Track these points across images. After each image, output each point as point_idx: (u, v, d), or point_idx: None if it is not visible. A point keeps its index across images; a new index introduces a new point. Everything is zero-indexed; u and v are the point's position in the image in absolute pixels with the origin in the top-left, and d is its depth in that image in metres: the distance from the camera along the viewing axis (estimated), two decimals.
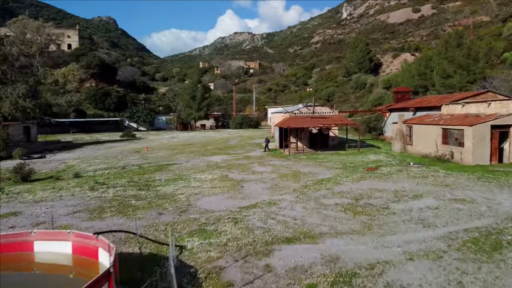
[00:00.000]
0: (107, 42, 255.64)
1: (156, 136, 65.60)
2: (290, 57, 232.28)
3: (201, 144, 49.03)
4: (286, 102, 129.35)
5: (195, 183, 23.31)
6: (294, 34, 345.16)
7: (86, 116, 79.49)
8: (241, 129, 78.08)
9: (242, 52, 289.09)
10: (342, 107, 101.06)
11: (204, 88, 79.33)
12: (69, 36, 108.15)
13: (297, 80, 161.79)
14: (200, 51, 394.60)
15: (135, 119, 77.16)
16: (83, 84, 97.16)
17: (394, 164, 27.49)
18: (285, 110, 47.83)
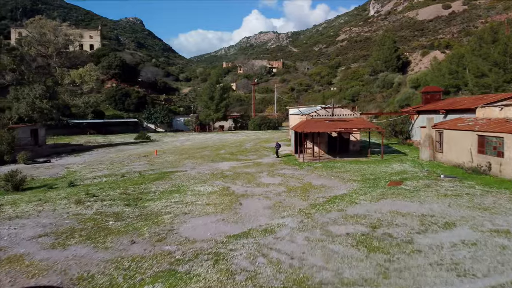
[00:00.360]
0: (133, 42, 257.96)
1: (171, 138, 63.47)
2: (315, 56, 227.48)
3: (214, 148, 46.32)
4: (308, 102, 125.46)
5: (190, 198, 20.49)
6: (320, 32, 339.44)
7: (105, 117, 78.39)
8: (260, 130, 75.08)
9: (266, 51, 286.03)
10: (368, 107, 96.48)
11: (223, 89, 76.79)
12: (91, 37, 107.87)
13: (321, 79, 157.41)
14: (225, 51, 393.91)
15: (153, 120, 75.49)
16: (103, 84, 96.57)
17: (421, 177, 23.77)
18: (301, 112, 44.43)
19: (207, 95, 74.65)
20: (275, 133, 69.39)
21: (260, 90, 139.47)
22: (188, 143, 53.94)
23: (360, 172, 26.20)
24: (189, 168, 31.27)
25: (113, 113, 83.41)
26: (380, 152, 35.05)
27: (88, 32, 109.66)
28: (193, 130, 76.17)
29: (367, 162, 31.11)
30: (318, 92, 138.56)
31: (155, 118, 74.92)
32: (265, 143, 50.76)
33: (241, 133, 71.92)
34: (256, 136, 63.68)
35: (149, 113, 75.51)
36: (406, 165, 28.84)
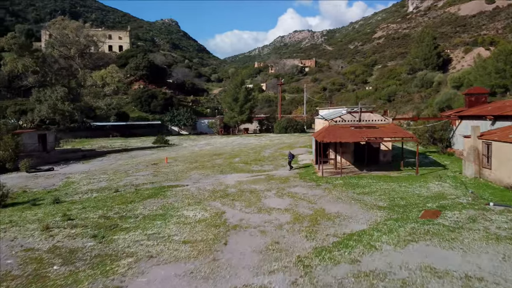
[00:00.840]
0: (168, 44, 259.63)
1: (192, 141, 60.26)
2: (350, 54, 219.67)
3: (229, 155, 42.50)
4: (341, 102, 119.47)
5: (171, 228, 16.67)
6: (356, 30, 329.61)
7: (129, 119, 76.55)
8: (286, 133, 70.60)
9: (300, 50, 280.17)
10: (404, 108, 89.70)
11: (248, 90, 72.91)
12: (120, 38, 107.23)
13: (355, 78, 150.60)
14: (259, 51, 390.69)
15: (176, 123, 72.79)
16: (131, 86, 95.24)
17: (465, 205, 18.71)
18: (323, 117, 39.73)
19: (231, 97, 71.06)
20: (301, 136, 64.78)
21: (291, 90, 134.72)
22: (207, 148, 50.47)
23: (388, 195, 21.41)
24: (192, 182, 27.55)
25: (138, 115, 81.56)
26: (415, 163, 29.95)
27: (117, 33, 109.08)
28: (217, 133, 72.82)
29: (399, 178, 26.14)
30: (351, 91, 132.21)
31: (178, 120, 72.16)
32: (288, 150, 46.39)
33: (265, 136, 67.75)
34: (280, 140, 59.34)
35: (172, 116, 72.86)
36: (446, 184, 23.69)
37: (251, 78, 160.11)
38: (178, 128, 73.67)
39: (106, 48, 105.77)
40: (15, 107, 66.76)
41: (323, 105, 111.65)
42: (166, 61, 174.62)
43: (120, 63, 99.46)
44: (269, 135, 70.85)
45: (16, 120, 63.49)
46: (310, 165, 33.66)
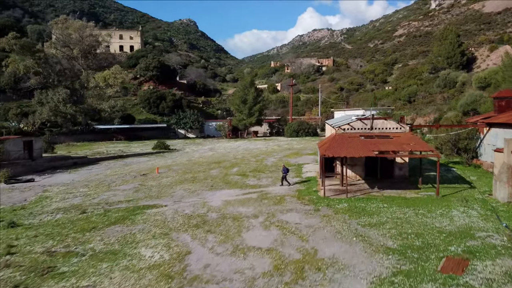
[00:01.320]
0: (186, 44, 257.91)
1: (195, 146, 56.55)
2: (369, 53, 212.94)
3: (230, 163, 38.60)
4: (358, 103, 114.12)
5: (112, 279, 12.84)
6: (376, 28, 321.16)
7: (136, 121, 73.59)
8: (297, 137, 66.22)
9: (318, 49, 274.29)
10: (425, 110, 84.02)
11: (257, 91, 68.87)
12: (131, 38, 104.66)
13: (374, 78, 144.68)
14: (277, 50, 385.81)
15: (181, 126, 69.33)
16: (140, 87, 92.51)
17: (499, 250, 14.22)
18: (330, 124, 35.35)
19: (239, 98, 67.15)
20: (312, 141, 60.37)
21: (306, 90, 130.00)
22: (208, 155, 46.67)
23: (400, 227, 17.01)
24: (173, 201, 23.75)
25: (146, 117, 78.65)
26: (436, 178, 25.39)
27: (128, 33, 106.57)
28: (225, 136, 69.03)
29: (416, 201, 21.61)
30: (370, 91, 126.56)
31: (184, 123, 68.66)
32: (294, 157, 42.16)
33: (274, 140, 63.56)
34: (289, 145, 55.10)
35: (178, 118, 69.41)
36: (473, 212, 19.09)
37: (267, 78, 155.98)
38: (185, 131, 70.27)
39: (117, 48, 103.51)
40: (17, 109, 64.62)
41: (339, 107, 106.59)
42: (182, 61, 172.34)
43: (130, 64, 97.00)
44: (278, 138, 66.67)
45: (18, 123, 61.30)
46: (314, 179, 29.39)
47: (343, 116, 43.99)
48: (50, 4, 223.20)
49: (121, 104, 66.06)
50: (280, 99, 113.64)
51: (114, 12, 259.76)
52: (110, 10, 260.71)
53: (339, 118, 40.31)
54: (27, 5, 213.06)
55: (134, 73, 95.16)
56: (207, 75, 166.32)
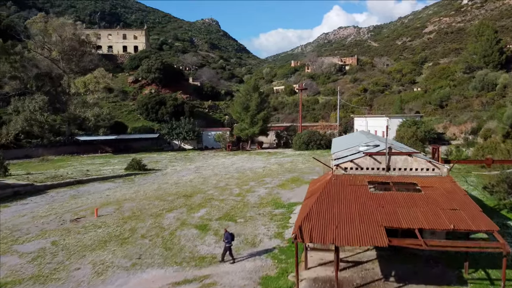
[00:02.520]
0: (206, 44, 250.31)
1: (183, 164, 46.80)
2: (397, 50, 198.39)
3: (201, 199, 28.94)
4: (383, 106, 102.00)
5: None
6: (405, 25, 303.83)
7: (129, 130, 65.09)
8: (307, 150, 55.72)
9: (342, 47, 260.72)
10: (460, 118, 71.48)
11: (262, 96, 58.75)
12: (135, 37, 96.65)
13: (402, 78, 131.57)
14: (301, 49, 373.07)
15: (173, 136, 59.94)
16: (142, 90, 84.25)
17: None
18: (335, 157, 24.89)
19: (240, 105, 57.31)
20: (324, 155, 50.03)
21: (326, 92, 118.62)
22: (186, 180, 37.12)
23: None
24: None
25: (142, 125, 70.16)
26: (490, 255, 14.84)
27: (132, 32, 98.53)
28: (224, 148, 59.35)
29: None
30: (396, 93, 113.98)
31: (176, 134, 59.26)
32: (289, 188, 32.09)
33: (278, 155, 53.27)
34: (293, 164, 44.78)
35: (170, 128, 59.93)
36: None
37: (286, 78, 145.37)
38: (179, 141, 60.81)
39: (120, 48, 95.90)
40: None
41: (361, 112, 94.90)
42: (198, 62, 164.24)
43: (133, 65, 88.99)
44: (285, 152, 56.28)
45: None
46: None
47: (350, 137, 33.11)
48: (71, 5, 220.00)
49: (107, 112, 57.46)
50: (297, 102, 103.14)
51: (136, 13, 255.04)
52: (132, 11, 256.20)
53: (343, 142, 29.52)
54: (47, 5, 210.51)
55: (135, 75, 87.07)
56: (224, 76, 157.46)
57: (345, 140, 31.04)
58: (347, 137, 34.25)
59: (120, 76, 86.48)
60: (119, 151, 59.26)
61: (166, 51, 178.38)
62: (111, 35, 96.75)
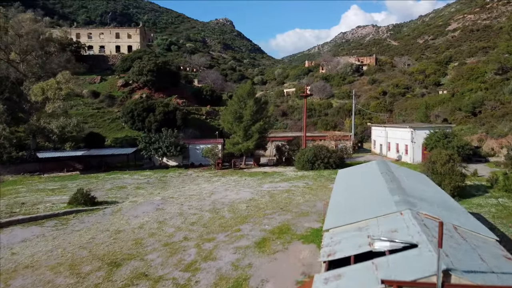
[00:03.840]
0: (220, 44, 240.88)
1: (149, 194, 36.39)
2: (418, 49, 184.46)
3: (141, 267, 18.62)
4: (405, 112, 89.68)
5: None
6: (426, 23, 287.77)
7: (104, 143, 55.47)
8: (312, 170, 44.58)
9: (360, 46, 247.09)
10: (500, 128, 58.98)
11: (258, 103, 47.86)
12: (129, 36, 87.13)
13: (425, 79, 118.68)
14: (318, 49, 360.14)
15: (151, 152, 49.19)
16: (132, 95, 74.68)
17: None
18: (327, 243, 13.74)
19: (232, 114, 46.71)
20: (333, 179, 39.22)
21: (341, 95, 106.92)
22: (138, 223, 26.79)
23: None
24: None
25: (126, 135, 60.59)
26: None
27: (125, 30, 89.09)
28: (214, 166, 48.86)
29: None
30: (419, 96, 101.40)
31: (155, 149, 48.74)
32: (275, 247, 21.40)
33: (275, 176, 42.31)
34: (289, 194, 33.81)
35: (147, 142, 49.33)
36: None
37: (298, 80, 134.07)
38: (160, 158, 49.90)
39: (113, 49, 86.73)
40: None
41: (379, 120, 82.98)
42: (207, 63, 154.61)
43: (124, 67, 79.56)
44: (285, 172, 45.17)
45: None
46: None
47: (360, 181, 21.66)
48: (82, 5, 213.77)
49: (75, 124, 47.75)
50: (308, 106, 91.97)
51: (148, 13, 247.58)
52: (145, 11, 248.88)
53: (348, 194, 18.27)
54: (58, 6, 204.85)
55: (126, 78, 77.62)
56: (234, 78, 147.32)
57: (352, 189, 19.95)
58: (356, 177, 23.01)
59: (110, 79, 77.18)
60: (90, 168, 49.56)
61: (174, 52, 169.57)
62: (103, 34, 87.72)
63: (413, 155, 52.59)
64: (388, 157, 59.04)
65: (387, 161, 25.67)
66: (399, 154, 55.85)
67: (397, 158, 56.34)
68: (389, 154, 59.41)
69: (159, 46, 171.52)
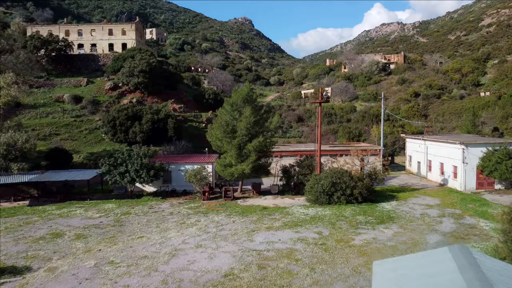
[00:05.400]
0: (237, 43, 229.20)
1: (84, 252, 24.18)
2: (450, 46, 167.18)
3: None
4: (443, 118, 75.10)
5: None
6: (455, 20, 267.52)
7: (72, 160, 44.22)
8: (329, 205, 31.42)
9: (386, 44, 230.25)
10: None
11: (257, 111, 34.79)
12: (124, 33, 75.71)
13: (462, 79, 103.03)
14: (341, 47, 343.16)
15: (115, 177, 36.52)
16: (120, 100, 63.34)
17: None
18: None
19: (221, 128, 34.06)
20: (361, 224, 26.30)
21: (366, 97, 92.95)
22: None
23: None
24: None
25: (104, 149, 49.32)
26: None
27: (119, 26, 77.58)
28: (200, 194, 36.34)
29: None
30: (458, 99, 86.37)
31: (121, 174, 36.29)
32: None
33: (277, 218, 29.48)
34: (290, 262, 21.38)
35: (111, 164, 36.70)
36: None
37: (318, 80, 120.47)
38: (129, 185, 36.85)
39: (105, 47, 75.82)
40: None
41: (415, 130, 68.93)
42: (220, 62, 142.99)
43: (115, 68, 68.46)
44: (291, 208, 32.12)
45: None
46: None
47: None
48: (98, 5, 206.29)
49: (24, 140, 36.48)
50: (328, 111, 78.65)
51: (165, 13, 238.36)
52: (162, 11, 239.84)
53: None
54: (73, 7, 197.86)
55: (115, 80, 66.44)
56: (249, 78, 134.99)
57: None
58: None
59: (98, 82, 66.27)
60: (47, 195, 38.29)
61: (187, 52, 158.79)
62: (95, 31, 77.02)
63: (465, 180, 38.97)
64: (429, 180, 45.43)
65: (473, 252, 11.90)
66: (445, 178, 42.22)
67: (441, 182, 42.73)
68: (430, 176, 45.75)
69: (171, 45, 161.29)
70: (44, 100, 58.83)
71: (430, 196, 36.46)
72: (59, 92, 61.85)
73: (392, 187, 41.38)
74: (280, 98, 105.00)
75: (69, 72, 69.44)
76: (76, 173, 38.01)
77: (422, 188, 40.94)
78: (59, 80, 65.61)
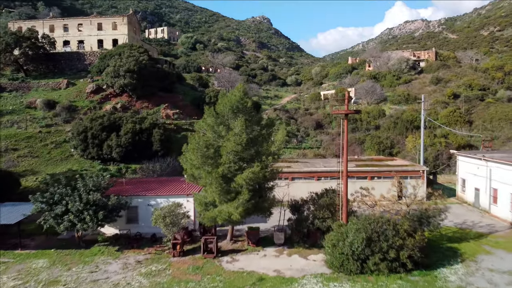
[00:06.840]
0: (254, 43, 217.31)
1: None
2: (485, 42, 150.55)
3: None
4: (491, 125, 61.22)
5: None
6: (483, 16, 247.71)
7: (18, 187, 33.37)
8: (361, 276, 19.21)
9: (412, 40, 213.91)
10: None
11: (254, 127, 23.08)
12: (115, 27, 64.68)
13: (505, 78, 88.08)
14: (363, 46, 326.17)
15: (49, 220, 25.24)
16: (103, 105, 52.54)
17: None
18: None
19: (198, 152, 22.32)
20: None
21: (396, 99, 79.37)
22: None
23: None
24: None
25: (69, 169, 38.55)
26: None
27: (109, 20, 66.55)
28: (170, 249, 24.29)
29: None
30: (506, 101, 71.96)
31: (56, 216, 24.53)
32: None
33: None
34: None
35: (46, 201, 25.16)
36: None
37: (339, 79, 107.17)
38: (71, 229, 25.05)
39: (94, 43, 65.29)
40: None
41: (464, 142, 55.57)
42: (233, 62, 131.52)
43: (101, 67, 57.69)
44: (303, 282, 20.29)
45: None
46: None
47: None
48: (112, 5, 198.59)
49: None
50: (351, 116, 65.75)
51: (181, 12, 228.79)
52: (178, 10, 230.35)
53: None
54: (87, 7, 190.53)
55: (99, 82, 55.66)
56: (264, 78, 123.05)
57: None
58: None
59: (80, 84, 55.76)
60: None
61: (200, 51, 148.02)
62: (82, 26, 66.75)
63: None
64: (494, 216, 32.52)
65: None
66: None
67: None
68: (495, 210, 32.77)
69: (183, 45, 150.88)
70: (13, 106, 48.85)
71: (508, 251, 23.87)
72: (34, 96, 51.77)
73: (446, 229, 28.64)
74: (297, 100, 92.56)
75: (51, 73, 59.50)
76: (3, 210, 26.82)
77: (490, 233, 28.18)
78: (36, 82, 55.60)
